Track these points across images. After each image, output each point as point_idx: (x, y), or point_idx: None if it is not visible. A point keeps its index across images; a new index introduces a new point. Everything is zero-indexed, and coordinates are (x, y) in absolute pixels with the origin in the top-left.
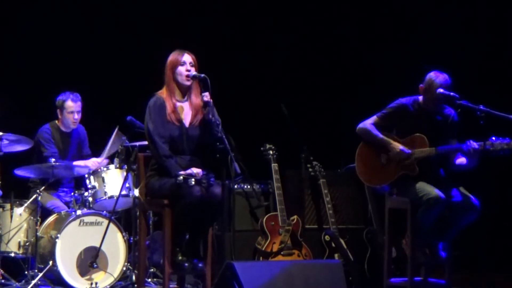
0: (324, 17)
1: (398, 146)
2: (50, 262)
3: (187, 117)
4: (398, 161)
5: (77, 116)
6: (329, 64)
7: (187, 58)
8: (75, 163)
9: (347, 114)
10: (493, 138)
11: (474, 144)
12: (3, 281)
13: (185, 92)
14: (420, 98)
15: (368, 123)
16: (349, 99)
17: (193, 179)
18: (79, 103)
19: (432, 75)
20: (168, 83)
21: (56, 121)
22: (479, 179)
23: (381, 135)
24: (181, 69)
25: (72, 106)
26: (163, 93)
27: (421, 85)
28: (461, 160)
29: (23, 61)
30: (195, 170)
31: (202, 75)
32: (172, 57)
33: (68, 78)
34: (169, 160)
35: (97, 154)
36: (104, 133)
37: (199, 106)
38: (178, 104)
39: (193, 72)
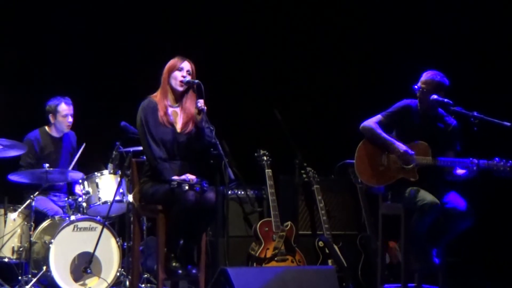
0: (315, 23)
1: (403, 146)
2: (44, 268)
3: (178, 122)
4: (399, 164)
5: (71, 119)
6: (323, 69)
7: (186, 65)
8: None
9: (341, 120)
10: (497, 159)
11: (476, 162)
12: None
13: (178, 97)
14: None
15: (372, 122)
16: (343, 105)
17: (186, 185)
18: (71, 107)
19: (428, 76)
20: (163, 85)
21: (46, 127)
22: (473, 186)
23: (385, 135)
24: (177, 74)
25: (66, 109)
26: (156, 96)
27: (416, 86)
28: (461, 171)
29: (16, 65)
30: (190, 176)
31: (196, 81)
32: (172, 61)
33: (61, 83)
34: (162, 163)
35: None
36: (98, 139)
37: (191, 114)
38: (170, 108)
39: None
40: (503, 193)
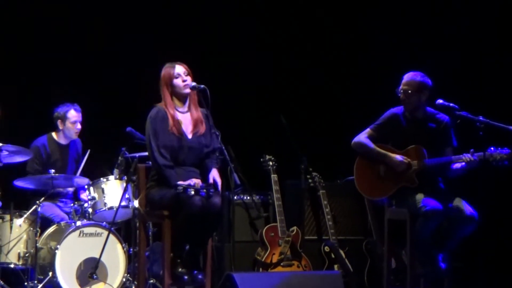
0: (321, 27)
1: (395, 157)
2: (50, 273)
3: (188, 128)
4: (397, 173)
5: (79, 126)
6: (328, 74)
7: (180, 69)
8: None
9: (347, 125)
10: (492, 148)
11: (471, 157)
12: None
13: (183, 100)
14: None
15: (362, 137)
16: (348, 109)
17: (192, 190)
18: (80, 114)
19: (409, 78)
20: (165, 98)
21: (54, 133)
22: (478, 190)
23: (376, 149)
24: (178, 82)
25: (75, 116)
26: (163, 105)
27: (398, 90)
28: (459, 164)
29: (21, 71)
30: (195, 181)
31: (202, 86)
32: (164, 72)
33: (67, 89)
34: (168, 170)
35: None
36: (103, 145)
37: (198, 118)
38: (180, 115)
39: (190, 80)
40: (508, 197)
